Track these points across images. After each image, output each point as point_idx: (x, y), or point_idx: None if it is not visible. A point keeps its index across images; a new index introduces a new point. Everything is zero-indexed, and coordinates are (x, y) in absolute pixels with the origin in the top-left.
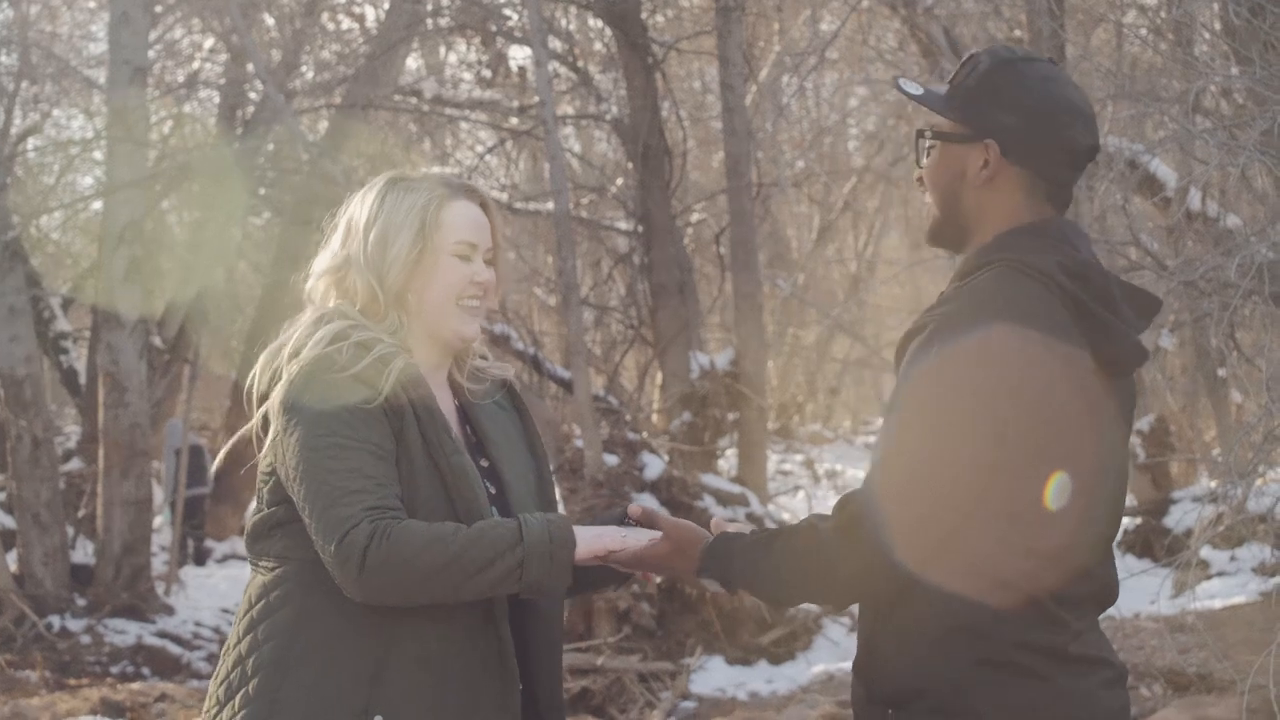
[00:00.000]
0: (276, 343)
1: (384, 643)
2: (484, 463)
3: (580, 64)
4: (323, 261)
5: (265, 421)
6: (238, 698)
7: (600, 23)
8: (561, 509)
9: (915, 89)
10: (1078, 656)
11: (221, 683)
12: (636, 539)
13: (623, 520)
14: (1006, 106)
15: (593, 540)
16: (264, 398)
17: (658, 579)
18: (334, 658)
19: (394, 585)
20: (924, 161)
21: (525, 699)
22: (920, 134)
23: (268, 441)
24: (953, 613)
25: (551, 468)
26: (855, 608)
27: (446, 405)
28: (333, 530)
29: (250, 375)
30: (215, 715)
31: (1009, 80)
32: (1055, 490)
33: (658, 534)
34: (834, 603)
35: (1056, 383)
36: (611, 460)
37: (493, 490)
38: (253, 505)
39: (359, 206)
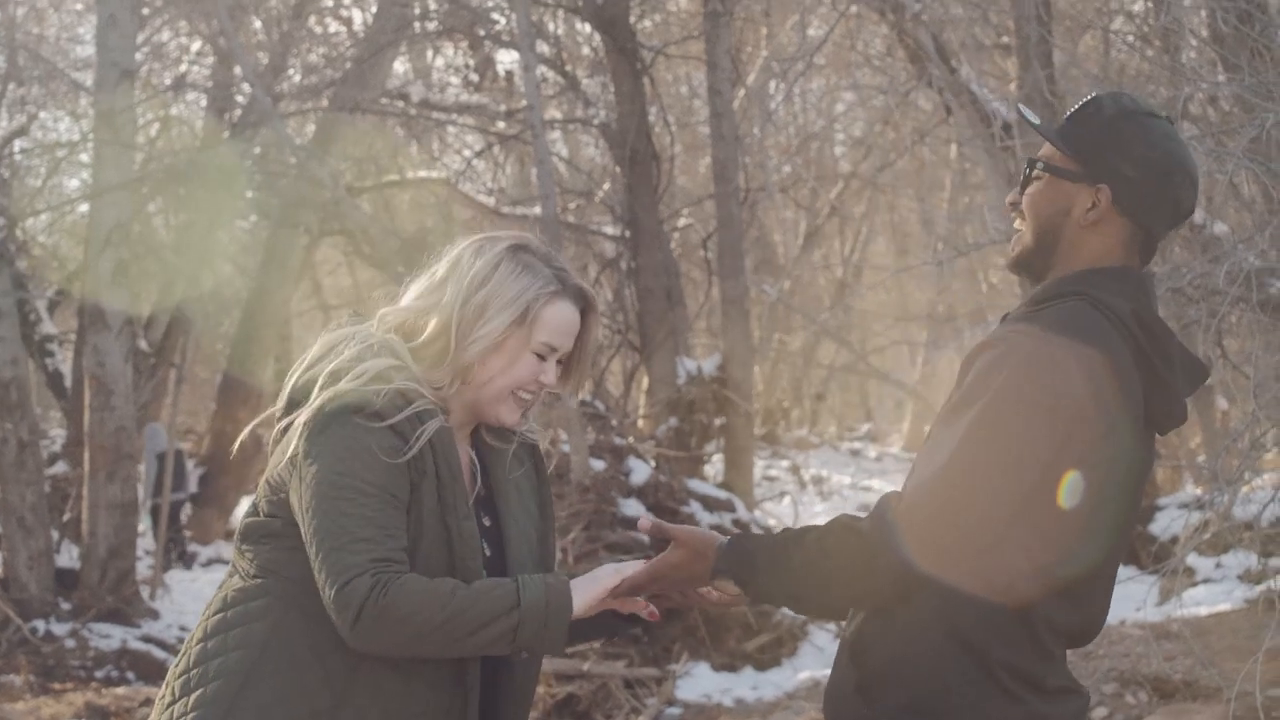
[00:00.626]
0: (316, 353)
1: (346, 678)
2: (487, 521)
3: (568, 69)
4: (419, 294)
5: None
6: (193, 696)
7: (588, 27)
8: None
9: (1034, 118)
10: (1054, 686)
11: (180, 676)
12: (631, 565)
13: (628, 549)
14: (1128, 157)
15: (589, 589)
16: (292, 405)
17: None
18: (294, 684)
19: (387, 638)
20: (1028, 190)
21: None
22: (1032, 163)
23: (284, 454)
24: (954, 623)
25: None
26: None
27: (464, 455)
28: (336, 575)
29: (286, 378)
30: (168, 706)
31: (1134, 133)
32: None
33: (641, 562)
34: (865, 602)
35: (1110, 425)
36: (598, 465)
37: (488, 553)
38: (247, 506)
39: (472, 258)
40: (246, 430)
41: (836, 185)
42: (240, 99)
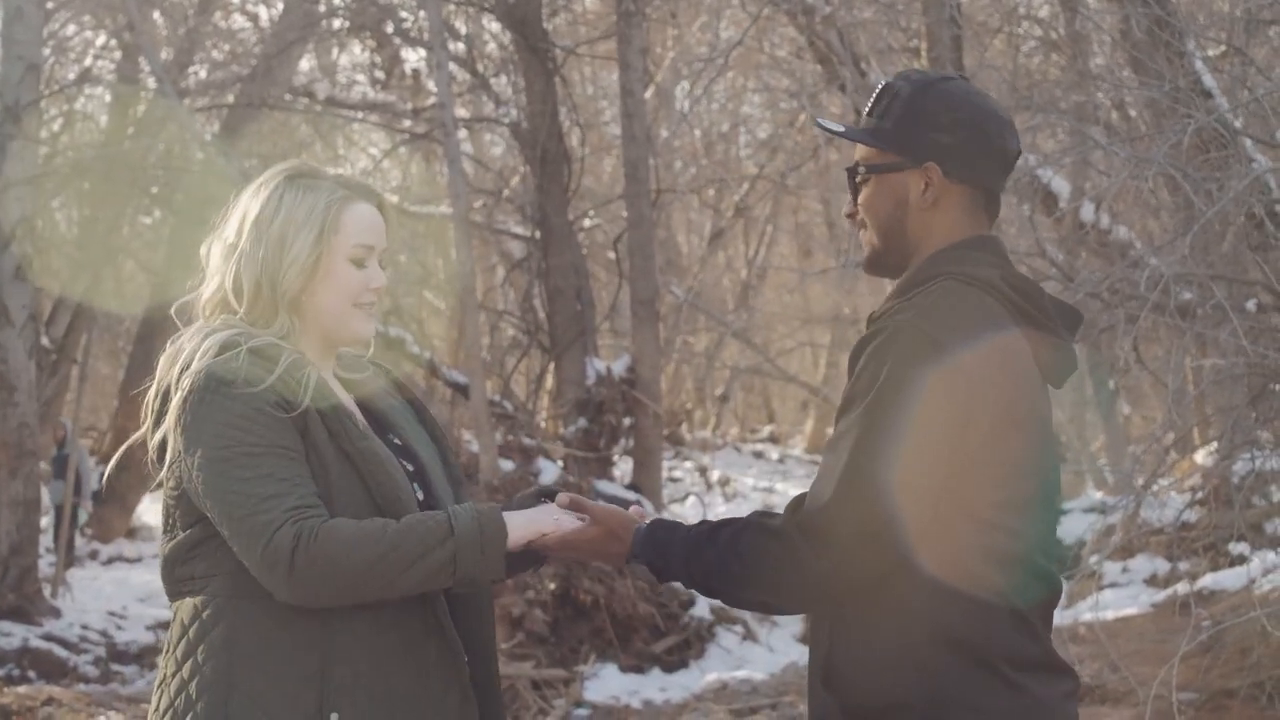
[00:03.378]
0: (166, 357)
1: (326, 639)
2: (396, 441)
3: (478, 68)
4: (218, 258)
5: (161, 444)
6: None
7: (496, 26)
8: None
9: (837, 127)
10: (1049, 666)
11: (165, 713)
12: (570, 522)
13: (540, 501)
14: (941, 127)
15: (525, 526)
16: (159, 416)
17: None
18: (277, 664)
19: (325, 585)
20: (859, 198)
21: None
22: (853, 171)
23: (167, 463)
24: (931, 619)
25: None
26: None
27: (346, 401)
28: (256, 537)
29: (147, 394)
30: None
31: (936, 102)
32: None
33: (586, 518)
34: (784, 604)
35: (1009, 385)
36: (507, 466)
37: (410, 467)
38: (146, 505)
39: (254, 201)
40: (139, 434)
41: (742, 186)
42: (144, 95)
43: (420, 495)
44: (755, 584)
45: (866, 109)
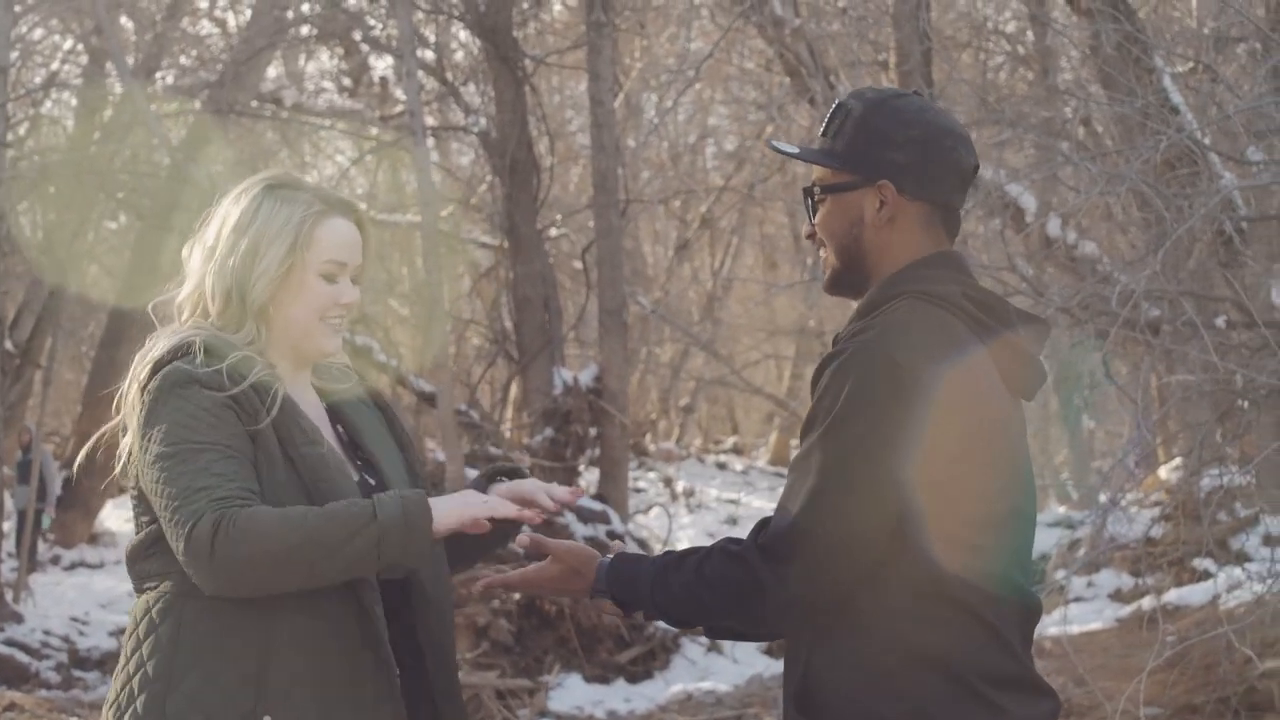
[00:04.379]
0: (138, 356)
1: (264, 641)
2: (359, 462)
3: (448, 76)
4: (197, 261)
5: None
6: (127, 715)
7: (465, 34)
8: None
9: (791, 149)
10: (1029, 685)
11: (112, 705)
12: (503, 508)
13: (496, 481)
14: (894, 144)
15: (452, 513)
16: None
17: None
18: (216, 663)
19: (247, 571)
20: (816, 218)
21: (418, 685)
22: (809, 191)
23: (125, 459)
24: (909, 640)
25: None
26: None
27: (314, 409)
28: (181, 527)
29: (118, 395)
30: None
31: (888, 119)
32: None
33: (517, 508)
34: (752, 630)
35: (973, 403)
36: (472, 475)
37: (372, 481)
38: (110, 510)
39: (234, 208)
40: (103, 430)
41: (709, 197)
42: (111, 99)
43: None
44: (722, 611)
45: (822, 129)
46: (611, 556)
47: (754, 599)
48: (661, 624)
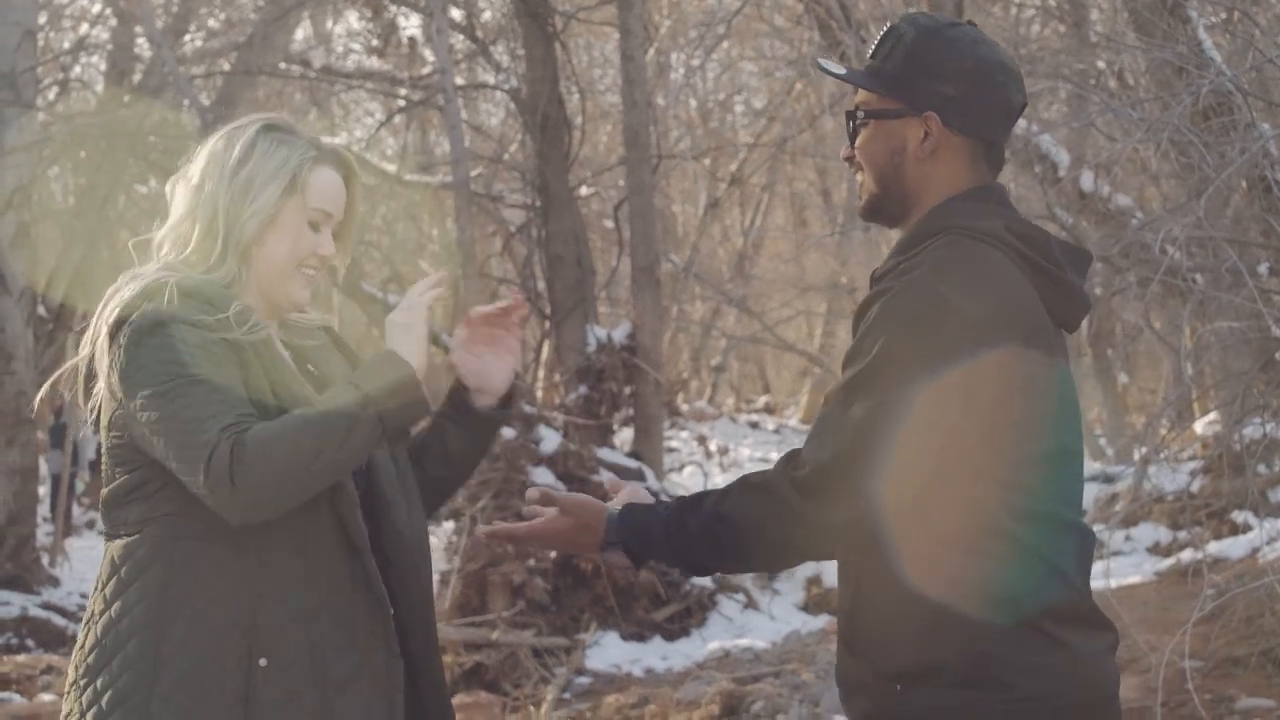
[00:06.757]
0: (106, 298)
1: (256, 586)
2: None
3: (478, 34)
4: (181, 196)
5: (88, 379)
6: (115, 661)
7: None
8: None
9: (838, 69)
10: (1090, 619)
11: (91, 650)
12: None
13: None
14: (943, 76)
15: (408, 337)
16: (90, 363)
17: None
18: (209, 609)
19: (272, 488)
20: (857, 141)
21: (396, 628)
22: (851, 114)
23: (108, 411)
24: (962, 575)
25: None
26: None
27: (282, 350)
28: (196, 461)
29: (85, 336)
30: (86, 685)
31: (940, 49)
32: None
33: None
34: (779, 560)
35: (1019, 342)
36: (508, 434)
37: None
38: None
39: (225, 144)
40: (54, 378)
41: (739, 155)
42: (139, 65)
43: None
44: (746, 546)
45: (872, 50)
46: (621, 507)
47: (787, 528)
48: (698, 581)
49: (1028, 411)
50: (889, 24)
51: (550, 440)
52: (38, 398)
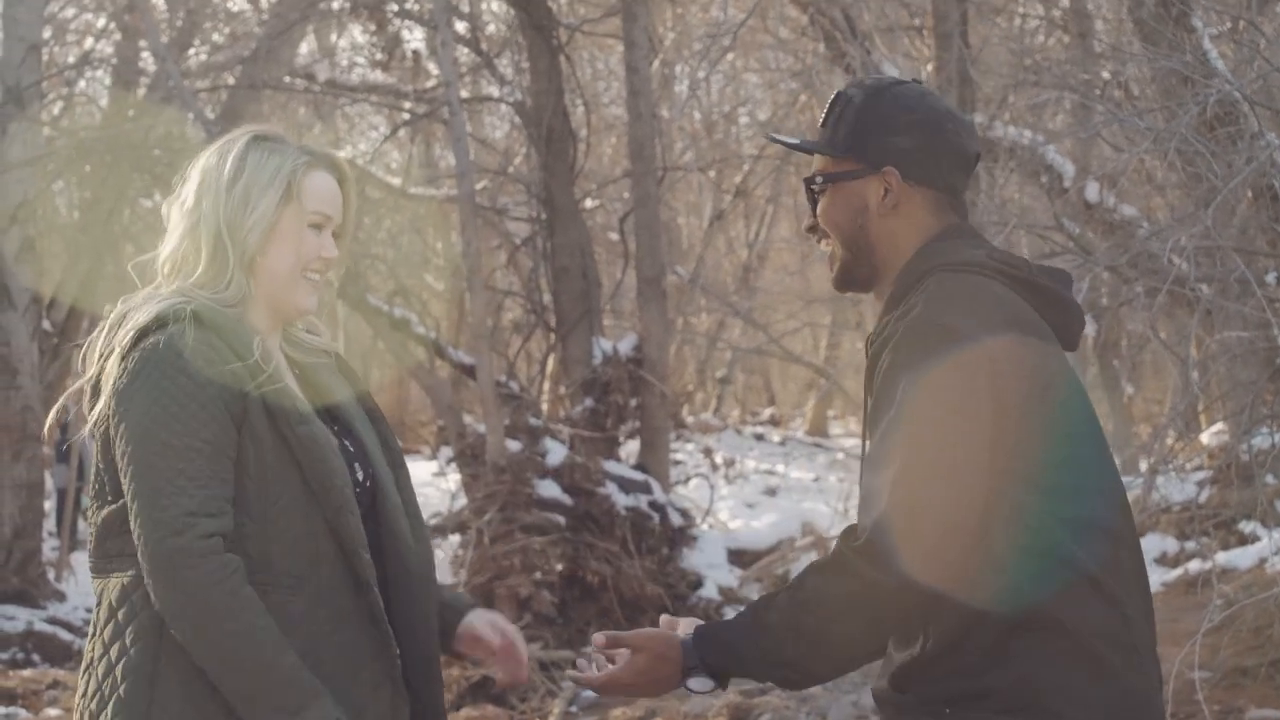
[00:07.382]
0: (112, 320)
1: None
2: (334, 424)
3: (482, 47)
4: (178, 217)
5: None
6: (111, 706)
7: (500, 5)
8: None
9: (791, 140)
10: (1140, 647)
11: (93, 697)
12: None
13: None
14: (896, 129)
15: None
16: (97, 378)
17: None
18: None
19: (192, 618)
20: (818, 209)
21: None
22: (810, 182)
23: (94, 420)
24: (1013, 599)
25: (450, 455)
26: None
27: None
28: (145, 532)
29: (85, 349)
30: None
31: (889, 105)
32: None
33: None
34: (868, 638)
35: (1030, 354)
36: (514, 446)
37: (351, 448)
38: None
39: (216, 160)
40: (63, 399)
41: (743, 167)
42: (144, 79)
43: (360, 476)
44: (832, 630)
45: (822, 119)
46: (693, 630)
47: (858, 598)
48: (705, 594)
49: (1053, 416)
50: (835, 93)
51: (556, 453)
52: (50, 418)
